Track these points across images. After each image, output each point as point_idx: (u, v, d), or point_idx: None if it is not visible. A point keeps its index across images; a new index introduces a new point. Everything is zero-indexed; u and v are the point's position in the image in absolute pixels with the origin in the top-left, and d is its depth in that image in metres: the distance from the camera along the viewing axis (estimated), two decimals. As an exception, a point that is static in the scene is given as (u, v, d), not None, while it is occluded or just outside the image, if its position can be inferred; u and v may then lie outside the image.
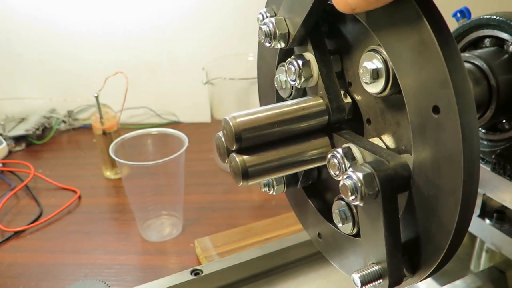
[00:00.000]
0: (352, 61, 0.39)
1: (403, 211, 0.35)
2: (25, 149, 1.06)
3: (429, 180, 0.32)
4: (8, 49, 1.11)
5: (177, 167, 0.73)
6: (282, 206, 0.82)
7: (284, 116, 0.37)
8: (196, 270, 0.60)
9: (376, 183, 0.32)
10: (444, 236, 0.33)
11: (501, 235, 0.53)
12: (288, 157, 0.38)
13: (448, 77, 0.29)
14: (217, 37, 1.10)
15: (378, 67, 0.34)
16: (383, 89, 0.34)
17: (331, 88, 0.38)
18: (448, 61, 0.29)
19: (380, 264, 0.35)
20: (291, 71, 0.39)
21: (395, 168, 0.33)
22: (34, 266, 0.72)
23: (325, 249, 0.47)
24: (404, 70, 0.32)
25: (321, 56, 0.38)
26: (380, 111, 0.38)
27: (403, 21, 0.31)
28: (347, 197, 0.33)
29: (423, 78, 0.31)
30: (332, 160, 0.36)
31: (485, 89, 0.46)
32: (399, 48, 0.32)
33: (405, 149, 0.36)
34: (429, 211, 0.33)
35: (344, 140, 0.37)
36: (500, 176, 0.50)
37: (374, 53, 0.34)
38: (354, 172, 0.32)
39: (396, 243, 0.34)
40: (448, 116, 0.30)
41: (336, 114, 0.38)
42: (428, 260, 0.35)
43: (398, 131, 0.37)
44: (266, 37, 0.39)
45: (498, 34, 0.48)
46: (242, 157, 0.36)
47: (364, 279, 0.35)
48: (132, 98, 1.02)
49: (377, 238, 0.34)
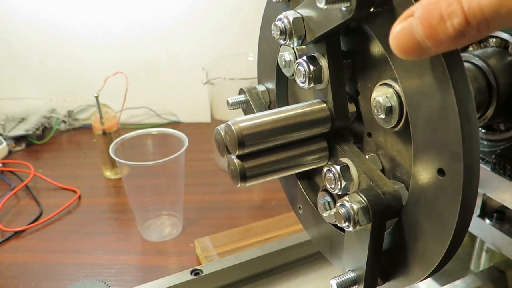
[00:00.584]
0: (365, 75, 0.37)
1: (391, 229, 0.36)
2: (25, 149, 1.06)
3: (419, 220, 0.33)
4: (8, 49, 1.11)
5: (177, 167, 0.73)
6: (282, 206, 0.82)
7: (287, 122, 0.36)
8: (196, 270, 0.60)
9: (369, 215, 0.33)
10: (424, 267, 0.34)
11: (501, 235, 0.53)
12: (286, 161, 0.38)
13: (461, 152, 0.28)
14: (217, 37, 1.10)
15: (393, 105, 0.33)
16: (395, 125, 0.34)
17: (339, 96, 0.37)
18: (466, 139, 0.28)
19: (355, 271, 0.37)
20: (300, 73, 0.37)
21: (389, 200, 0.34)
22: (34, 266, 0.72)
23: (305, 224, 0.49)
24: (418, 123, 0.31)
25: (334, 63, 0.36)
26: (384, 132, 0.37)
27: (429, 76, 0.29)
28: (340, 223, 0.34)
29: (436, 139, 0.30)
30: (328, 174, 0.36)
31: (485, 89, 0.46)
32: (418, 100, 0.31)
33: (400, 177, 0.36)
34: (416, 237, 0.34)
35: (342, 152, 0.37)
36: (500, 176, 0.50)
37: (388, 88, 0.33)
38: (349, 202, 0.33)
39: (377, 260, 0.36)
40: (451, 185, 0.30)
41: (339, 122, 0.38)
42: (402, 275, 0.36)
43: (398, 159, 0.36)
44: (281, 34, 0.37)
45: (499, 34, 0.48)
46: (240, 161, 0.36)
47: (341, 285, 0.37)
48: (132, 98, 1.02)
49: (359, 255, 0.36)
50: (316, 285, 0.64)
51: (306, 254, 0.66)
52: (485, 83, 0.46)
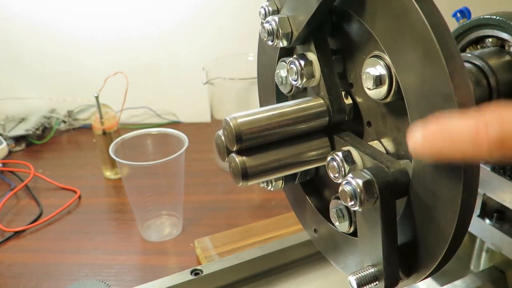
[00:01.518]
0: (355, 63, 0.39)
1: (401, 215, 0.35)
2: (25, 149, 1.06)
3: (428, 189, 0.33)
4: (8, 49, 1.11)
5: (177, 167, 0.73)
6: (282, 206, 0.82)
7: (284, 117, 0.37)
8: (196, 270, 0.60)
9: (375, 189, 0.32)
10: (441, 243, 0.33)
11: (501, 235, 0.53)
12: (287, 158, 0.38)
13: (452, 92, 0.29)
14: (217, 37, 1.10)
15: (382, 73, 0.33)
16: (385, 96, 0.34)
17: (333, 89, 0.38)
18: (454, 76, 0.29)
19: (376, 266, 0.35)
20: (292, 71, 0.39)
21: (395, 175, 0.33)
22: (34, 266, 0.72)
23: (321, 245, 0.47)
24: (407, 79, 0.32)
25: (323, 57, 0.38)
26: (381, 115, 0.38)
27: (409, 31, 0.30)
28: (346, 202, 0.33)
29: (426, 89, 0.30)
30: (331, 163, 0.36)
31: (485, 89, 0.46)
32: (403, 57, 0.31)
33: (404, 154, 0.36)
34: (426, 217, 0.33)
35: (344, 142, 0.37)
36: (500, 176, 0.50)
37: (377, 59, 0.34)
38: (353, 178, 0.32)
39: (393, 247, 0.34)
40: None
41: (337, 115, 0.38)
42: (424, 264, 0.35)
43: (399, 137, 0.37)
44: (268, 35, 0.39)
45: (498, 34, 0.48)
46: (241, 158, 0.36)
47: (360, 281, 0.35)
48: (132, 98, 1.02)
49: (374, 241, 0.34)
50: (316, 285, 0.64)
51: (306, 254, 0.66)
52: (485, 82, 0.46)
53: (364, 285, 0.35)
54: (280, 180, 0.45)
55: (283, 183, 0.45)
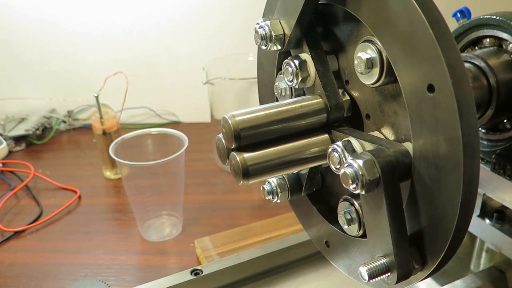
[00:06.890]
0: (348, 59, 0.40)
1: (407, 202, 0.35)
2: (25, 149, 1.06)
3: (430, 163, 0.32)
4: (8, 49, 1.11)
5: (177, 167, 0.73)
6: (282, 206, 0.82)
7: (282, 115, 0.37)
8: (196, 270, 0.60)
9: (376, 169, 0.32)
10: (449, 219, 0.32)
11: (501, 235, 0.54)
12: (288, 155, 0.38)
13: (440, 53, 0.29)
14: (217, 37, 1.10)
15: (372, 56, 0.34)
16: (378, 78, 0.34)
17: (329, 86, 0.39)
18: (439, 39, 0.29)
19: (387, 257, 0.34)
20: (288, 72, 0.39)
21: (396, 155, 0.33)
22: (34, 266, 0.72)
23: (334, 257, 0.46)
24: (397, 55, 0.32)
25: (317, 55, 0.39)
26: (378, 104, 0.38)
27: (392, 5, 0.31)
28: (348, 185, 0.32)
29: (416, 59, 0.31)
30: (332, 154, 0.36)
31: (485, 89, 0.46)
32: (391, 34, 0.32)
33: (404, 138, 0.36)
34: (432, 196, 0.33)
35: (343, 135, 0.38)
36: (500, 176, 0.50)
37: (368, 43, 0.35)
38: (354, 160, 0.32)
39: (402, 231, 0.33)
40: (443, 92, 0.30)
41: (335, 112, 0.39)
42: (435, 248, 0.34)
43: (397, 121, 0.37)
44: (262, 40, 0.40)
45: (498, 34, 0.48)
46: (242, 156, 0.36)
47: (372, 272, 0.34)
48: (132, 98, 1.02)
49: (382, 228, 0.34)
50: (316, 285, 0.64)
51: (306, 254, 0.66)
52: (485, 82, 0.46)
53: (376, 277, 0.34)
54: (286, 191, 0.45)
55: (289, 194, 0.45)
